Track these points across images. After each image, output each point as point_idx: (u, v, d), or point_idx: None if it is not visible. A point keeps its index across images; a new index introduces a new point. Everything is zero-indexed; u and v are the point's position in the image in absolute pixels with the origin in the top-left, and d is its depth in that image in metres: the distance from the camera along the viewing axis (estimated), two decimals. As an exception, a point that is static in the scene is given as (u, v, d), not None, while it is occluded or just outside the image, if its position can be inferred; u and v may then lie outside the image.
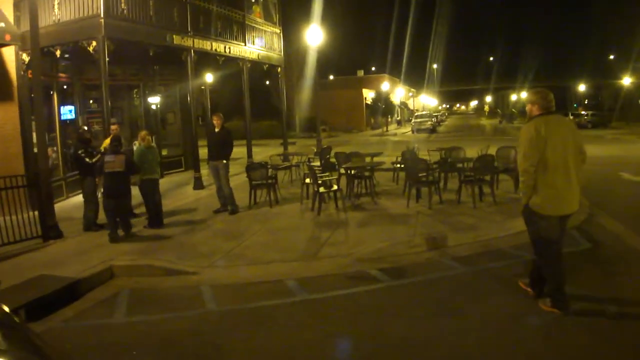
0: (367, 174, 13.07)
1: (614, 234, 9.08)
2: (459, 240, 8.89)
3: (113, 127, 11.15)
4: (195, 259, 8.43)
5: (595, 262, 7.65)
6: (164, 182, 13.40)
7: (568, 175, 5.51)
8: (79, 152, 10.37)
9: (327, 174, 12.19)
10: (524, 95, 72.60)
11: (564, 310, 5.58)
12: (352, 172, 12.96)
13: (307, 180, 12.51)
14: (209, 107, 23.62)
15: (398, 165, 15.03)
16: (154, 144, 11.21)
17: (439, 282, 7.11)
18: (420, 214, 10.84)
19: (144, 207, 10.99)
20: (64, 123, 15.38)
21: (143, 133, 11.02)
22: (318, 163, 14.17)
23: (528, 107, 5.76)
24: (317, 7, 23.73)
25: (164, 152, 18.93)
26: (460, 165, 13.63)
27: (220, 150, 11.74)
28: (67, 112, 15.74)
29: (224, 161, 11.72)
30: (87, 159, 10.28)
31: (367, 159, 14.81)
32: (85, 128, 12.58)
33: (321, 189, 11.34)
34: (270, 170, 13.21)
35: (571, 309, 5.59)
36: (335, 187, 11.62)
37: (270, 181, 12.60)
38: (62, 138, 14.96)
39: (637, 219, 10.07)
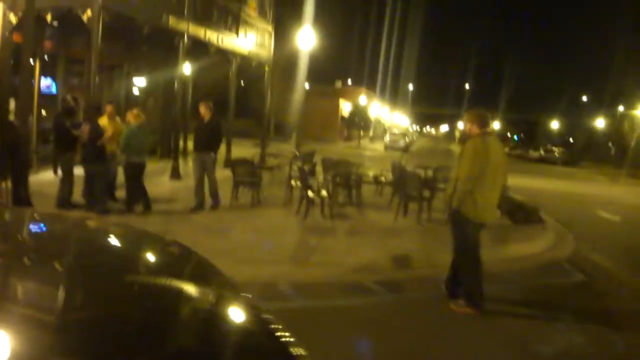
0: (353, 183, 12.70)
1: (603, 267, 9.40)
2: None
3: (109, 106, 10.98)
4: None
5: (591, 294, 7.89)
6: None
7: (496, 189, 6.20)
8: (67, 123, 9.71)
9: (314, 178, 11.74)
10: (496, 125, 73.69)
11: (478, 308, 6.09)
12: (338, 179, 12.60)
13: (293, 183, 12.04)
14: (189, 97, 23.04)
15: (383, 179, 14.64)
16: (144, 126, 10.48)
17: (436, 300, 6.73)
18: (409, 229, 10.53)
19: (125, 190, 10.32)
20: (42, 95, 14.64)
21: (135, 111, 10.35)
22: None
23: (467, 127, 6.38)
24: (308, 9, 23.15)
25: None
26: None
27: (209, 141, 11.04)
28: (48, 83, 15.02)
29: (212, 154, 11.07)
30: (74, 131, 9.64)
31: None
32: (70, 98, 11.97)
33: (309, 193, 10.90)
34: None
35: (485, 308, 6.09)
36: (324, 192, 11.19)
37: (255, 179, 12.07)
38: (38, 110, 14.22)
39: (623, 255, 10.54)
